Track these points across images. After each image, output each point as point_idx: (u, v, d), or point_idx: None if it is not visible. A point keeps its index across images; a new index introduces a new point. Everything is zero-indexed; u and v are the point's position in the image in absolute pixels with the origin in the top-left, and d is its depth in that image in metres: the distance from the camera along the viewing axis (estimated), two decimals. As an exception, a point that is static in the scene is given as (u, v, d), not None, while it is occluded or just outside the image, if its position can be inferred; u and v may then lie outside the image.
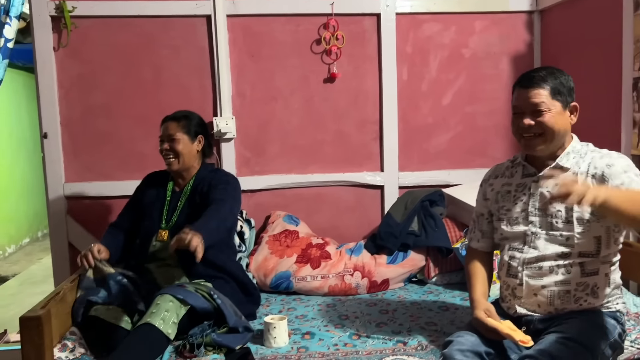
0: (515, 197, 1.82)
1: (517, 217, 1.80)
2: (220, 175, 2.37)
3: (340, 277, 2.68)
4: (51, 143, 2.93)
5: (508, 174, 1.89)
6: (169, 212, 2.34)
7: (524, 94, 1.71)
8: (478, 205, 1.98)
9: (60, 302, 1.95)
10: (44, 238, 7.52)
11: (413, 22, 3.11)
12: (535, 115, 1.69)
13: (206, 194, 2.27)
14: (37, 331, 1.71)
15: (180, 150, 2.32)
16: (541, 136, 1.70)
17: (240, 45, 3.02)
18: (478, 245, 1.97)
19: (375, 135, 3.14)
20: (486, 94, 3.19)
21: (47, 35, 2.86)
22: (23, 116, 7.12)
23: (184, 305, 2.00)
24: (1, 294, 5.19)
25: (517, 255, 1.78)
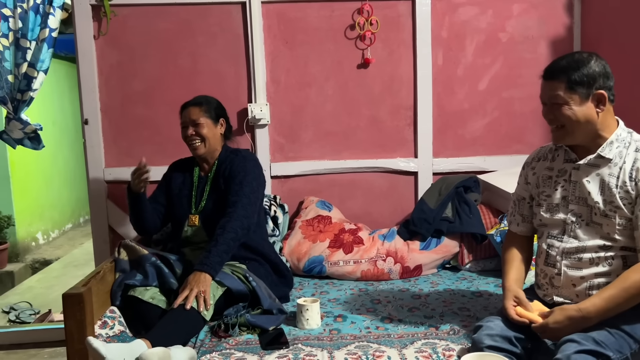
0: (555, 183, 1.78)
1: (557, 204, 1.76)
2: (239, 160, 2.36)
3: (372, 263, 2.69)
4: (92, 129, 3.02)
5: (550, 157, 1.84)
6: (197, 197, 2.38)
7: (544, 85, 1.70)
8: (519, 189, 1.94)
9: (101, 281, 2.02)
10: (85, 224, 7.76)
11: (449, 6, 3.07)
12: (554, 107, 1.67)
13: (228, 179, 2.31)
14: (79, 307, 1.77)
15: (205, 134, 2.35)
16: (563, 128, 1.68)
17: (275, 31, 3.04)
18: (517, 229, 1.93)
19: (410, 121, 3.12)
20: (524, 79, 3.13)
21: (88, 24, 2.95)
22: (66, 105, 7.33)
23: (221, 287, 2.04)
24: (45, 277, 5.40)
25: (556, 244, 1.75)
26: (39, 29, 3.01)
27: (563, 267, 1.72)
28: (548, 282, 1.78)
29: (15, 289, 5.12)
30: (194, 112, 2.36)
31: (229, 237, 2.09)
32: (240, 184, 2.25)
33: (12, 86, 3.05)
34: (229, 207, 2.18)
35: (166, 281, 2.11)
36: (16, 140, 3.19)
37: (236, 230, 2.12)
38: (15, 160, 5.86)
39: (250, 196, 2.23)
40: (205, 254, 2.04)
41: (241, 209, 2.17)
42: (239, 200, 2.20)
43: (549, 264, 1.77)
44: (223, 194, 2.28)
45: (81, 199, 7.65)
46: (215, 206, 2.30)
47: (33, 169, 6.35)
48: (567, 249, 1.72)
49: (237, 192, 2.23)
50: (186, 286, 1.97)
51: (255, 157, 2.45)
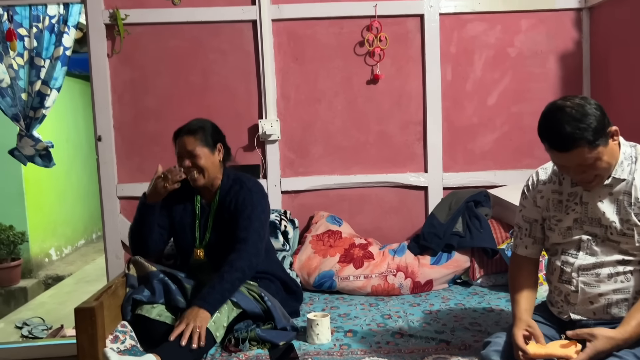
0: (567, 207, 1.72)
1: (569, 227, 1.71)
2: (245, 192, 2.22)
3: (383, 277, 2.69)
4: (105, 146, 3.06)
5: (556, 180, 1.76)
6: (200, 229, 2.28)
7: (563, 157, 1.57)
8: (528, 211, 1.82)
9: (112, 296, 2.03)
10: (98, 240, 7.81)
11: (457, 22, 3.09)
12: (586, 168, 1.57)
13: (234, 213, 2.19)
14: (91, 322, 1.79)
15: (203, 165, 2.19)
16: (598, 177, 1.61)
17: (285, 48, 3.08)
18: (526, 252, 1.83)
19: (419, 135, 3.14)
20: (533, 94, 3.14)
21: (102, 43, 3.00)
22: (79, 122, 7.43)
23: (237, 308, 2.04)
24: (58, 292, 5.44)
25: (571, 261, 1.69)
26: (53, 47, 3.09)
27: (580, 284, 1.67)
28: (563, 299, 1.72)
29: (28, 304, 5.16)
30: (190, 142, 2.19)
31: (235, 277, 2.03)
32: (249, 218, 2.15)
33: (25, 104, 3.12)
34: (238, 243, 2.11)
35: (173, 298, 2.10)
36: (27, 157, 3.25)
37: (244, 270, 2.06)
38: (30, 177, 5.94)
39: (260, 231, 2.16)
40: (208, 289, 1.99)
41: (252, 246, 2.10)
42: (249, 237, 2.12)
43: (563, 281, 1.71)
44: (228, 227, 2.20)
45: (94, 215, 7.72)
46: (220, 239, 2.23)
47: (47, 185, 6.43)
48: (583, 266, 1.67)
49: (247, 227, 2.14)
50: (182, 320, 1.92)
51: (261, 187, 2.31)
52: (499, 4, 3.07)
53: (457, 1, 3.06)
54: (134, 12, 2.98)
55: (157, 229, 2.27)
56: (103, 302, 1.88)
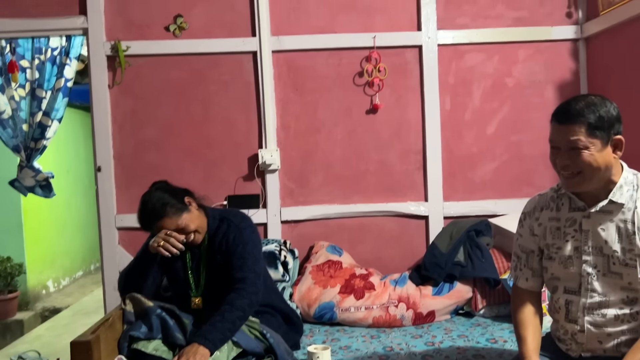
0: (565, 234, 1.65)
1: (569, 256, 1.64)
2: (234, 230, 2.18)
3: (384, 309, 2.65)
4: (104, 176, 3.06)
5: (554, 206, 1.70)
6: (194, 277, 2.23)
7: (560, 129, 1.55)
8: (525, 241, 1.77)
9: (109, 329, 2.00)
10: (96, 271, 7.74)
11: (455, 52, 3.13)
12: (572, 153, 1.53)
13: (226, 253, 2.15)
14: (87, 355, 1.76)
15: (195, 228, 2.13)
16: (579, 175, 1.54)
17: (285, 79, 3.10)
18: (527, 284, 1.76)
19: (419, 165, 3.14)
20: (532, 123, 3.15)
21: (103, 74, 3.03)
22: (80, 153, 7.44)
23: (237, 347, 2.00)
24: (55, 325, 5.35)
25: (575, 300, 1.63)
26: (54, 79, 3.11)
27: (586, 325, 1.61)
28: (570, 338, 1.66)
29: (24, 337, 5.08)
30: (170, 223, 2.09)
31: (235, 316, 1.99)
32: (242, 257, 2.12)
33: (26, 135, 3.13)
34: (236, 283, 2.06)
35: (171, 334, 2.05)
36: (28, 188, 3.24)
37: (245, 309, 2.02)
38: (29, 208, 5.91)
39: (255, 268, 2.12)
40: (209, 327, 1.95)
41: (250, 285, 2.06)
42: (246, 277, 2.08)
43: (570, 320, 1.65)
44: (222, 269, 2.16)
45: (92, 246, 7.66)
46: (215, 284, 2.19)
47: (46, 216, 6.40)
48: (589, 305, 1.60)
49: (242, 267, 2.10)
50: (182, 356, 1.88)
51: (249, 222, 2.25)
52: (497, 35, 3.10)
53: (455, 32, 3.10)
54: (135, 44, 3.02)
55: (152, 277, 2.21)
56: (100, 336, 1.84)
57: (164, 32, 3.05)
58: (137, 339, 2.04)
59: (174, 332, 2.05)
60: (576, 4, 3.12)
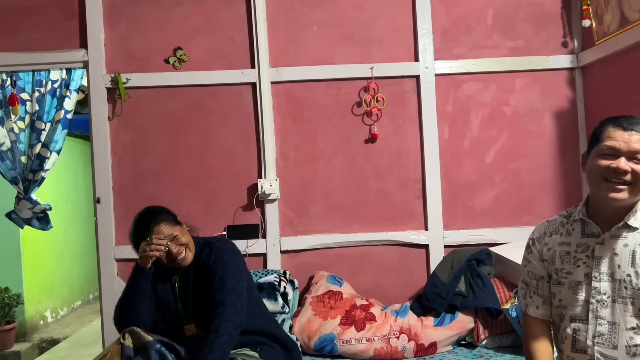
0: (576, 259, 1.63)
1: (579, 282, 1.61)
2: (214, 252, 2.20)
3: (385, 340, 2.62)
4: (103, 207, 3.05)
5: (564, 232, 1.68)
6: (183, 305, 2.23)
7: (624, 136, 1.52)
8: (533, 267, 1.74)
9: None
10: (94, 301, 7.67)
11: (453, 82, 3.15)
12: (634, 162, 1.51)
13: (208, 277, 2.15)
14: (84, 393, 1.72)
15: (186, 241, 2.17)
16: (630, 185, 1.52)
17: (284, 109, 3.12)
18: (538, 312, 1.71)
19: (418, 193, 3.14)
20: (530, 151, 3.16)
21: (103, 106, 3.05)
22: (79, 182, 7.43)
23: None
24: (53, 357, 5.28)
25: (583, 328, 1.59)
26: (54, 111, 3.13)
27: (597, 355, 1.56)
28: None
29: (20, 370, 5.01)
30: (166, 228, 2.15)
31: (223, 341, 1.97)
32: (221, 279, 2.11)
33: (24, 167, 3.13)
34: (217, 308, 2.05)
35: None
36: (25, 220, 3.23)
37: (229, 332, 2.00)
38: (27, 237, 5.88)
39: (235, 290, 2.11)
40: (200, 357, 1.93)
41: (229, 306, 2.05)
42: (226, 298, 2.07)
43: (578, 350, 1.60)
44: (208, 293, 2.14)
45: (91, 275, 7.60)
46: (204, 308, 2.17)
47: (44, 246, 6.36)
48: (598, 333, 1.57)
49: (221, 289, 2.09)
50: None
51: (231, 244, 2.26)
52: (493, 65, 3.14)
53: (452, 62, 3.13)
54: (135, 76, 3.04)
55: (147, 304, 2.20)
56: (97, 372, 1.81)
57: (164, 65, 3.08)
58: (135, 375, 2.01)
59: None
60: (571, 34, 3.15)
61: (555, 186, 3.17)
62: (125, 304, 2.19)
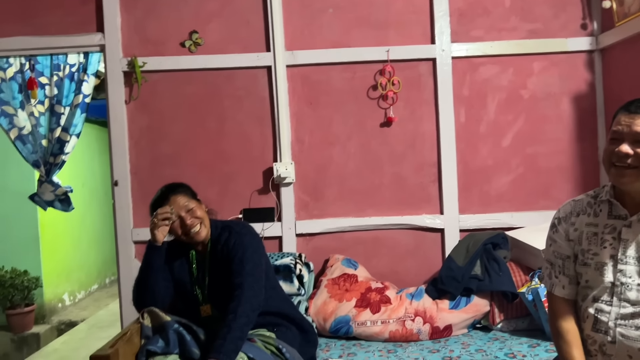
0: (602, 240, 1.62)
1: (605, 264, 1.61)
2: (234, 236, 2.22)
3: (401, 323, 2.63)
4: (121, 190, 3.09)
5: (591, 212, 1.67)
6: (200, 286, 2.26)
7: (628, 120, 1.53)
8: (559, 247, 1.72)
9: (127, 343, 2.00)
10: (111, 284, 7.78)
11: (470, 65, 3.12)
12: (636, 145, 1.52)
13: (227, 260, 2.18)
14: (106, 369, 1.76)
15: (201, 215, 2.21)
16: (636, 169, 1.52)
17: (299, 93, 3.12)
18: (564, 292, 1.70)
19: (434, 177, 3.13)
20: (547, 135, 3.13)
21: (120, 89, 3.07)
22: (95, 167, 7.51)
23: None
24: (71, 338, 5.38)
25: (607, 309, 1.59)
26: (73, 95, 3.16)
27: (618, 336, 1.56)
28: (598, 349, 1.61)
29: (41, 351, 5.11)
30: (182, 199, 2.20)
31: (241, 323, 2.00)
32: (241, 262, 2.15)
33: (45, 150, 3.17)
34: (235, 290, 2.08)
35: (187, 349, 2.06)
36: (47, 202, 3.28)
37: (247, 314, 2.03)
38: (45, 222, 5.98)
39: (254, 273, 2.14)
40: (220, 341, 1.95)
41: (248, 289, 2.08)
42: (245, 281, 2.10)
43: (599, 331, 1.60)
44: (224, 275, 2.18)
45: (107, 260, 7.71)
46: (221, 289, 2.21)
47: (62, 230, 6.46)
48: (621, 315, 1.56)
49: (240, 272, 2.13)
50: None
51: (250, 229, 2.29)
52: (511, 47, 3.10)
53: (469, 45, 3.10)
54: (151, 60, 3.06)
55: (162, 281, 2.23)
56: (118, 350, 1.85)
57: (180, 48, 3.09)
58: (154, 354, 2.04)
59: (190, 347, 2.06)
60: (591, 16, 3.11)
61: (573, 171, 3.14)
62: (141, 282, 2.23)
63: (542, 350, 2.36)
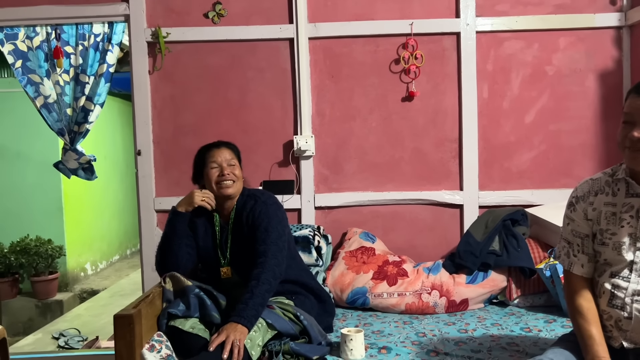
0: (621, 220, 1.62)
1: (623, 243, 1.61)
2: (260, 205, 2.27)
3: (417, 295, 2.65)
4: (144, 160, 3.13)
5: (610, 191, 1.66)
6: (222, 249, 2.32)
7: (636, 103, 1.52)
8: (577, 226, 1.71)
9: (150, 305, 2.05)
10: (132, 255, 7.94)
11: (494, 40, 3.08)
12: None
13: (251, 227, 2.23)
14: (129, 329, 1.81)
15: (238, 175, 2.31)
16: None
17: (321, 66, 3.12)
18: (583, 271, 1.69)
19: (455, 153, 3.12)
20: (571, 112, 3.09)
21: (144, 60, 3.10)
22: (117, 140, 7.62)
23: (271, 330, 2.04)
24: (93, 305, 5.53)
25: (623, 285, 1.60)
26: (97, 64, 3.19)
27: (635, 312, 1.57)
28: (614, 324, 1.62)
29: (64, 316, 5.26)
30: (228, 153, 2.32)
31: (263, 289, 2.05)
32: (266, 231, 2.19)
33: (70, 119, 3.22)
34: (259, 257, 2.13)
35: (207, 313, 2.11)
36: (71, 171, 3.34)
37: (270, 281, 2.08)
38: (69, 192, 6.10)
39: (278, 242, 2.19)
40: (242, 306, 2.00)
41: (272, 257, 2.13)
42: (269, 249, 2.15)
43: (615, 306, 1.61)
44: (248, 241, 2.24)
45: (129, 231, 7.86)
46: (242, 254, 2.27)
47: (85, 201, 6.58)
48: (638, 291, 1.57)
49: (265, 240, 2.17)
50: (222, 333, 1.92)
51: (275, 199, 2.34)
52: (537, 23, 3.05)
53: (494, 19, 3.05)
54: (175, 31, 3.07)
55: (185, 247, 2.29)
56: (141, 310, 1.90)
57: (203, 19, 3.10)
58: (175, 317, 2.10)
59: (210, 312, 2.11)
60: (621, -9, 3.04)
61: (596, 149, 3.10)
62: (165, 246, 2.29)
63: (558, 325, 2.37)
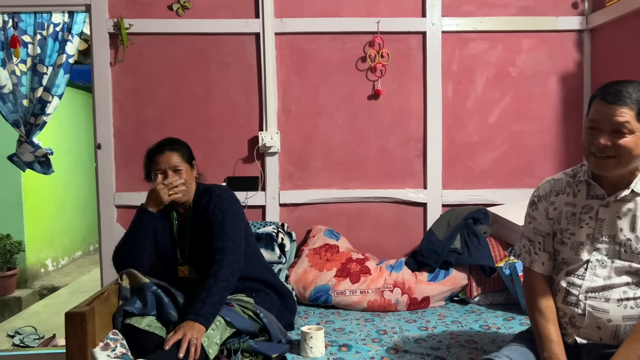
0: (580, 220, 1.65)
1: (581, 243, 1.64)
2: (215, 200, 2.22)
3: (379, 293, 2.66)
4: (104, 154, 3.06)
5: (570, 192, 1.69)
6: (180, 248, 2.28)
7: (606, 110, 1.51)
8: (539, 224, 1.74)
9: (105, 302, 2.00)
10: (95, 252, 7.77)
11: (459, 40, 3.11)
12: (615, 135, 1.50)
13: (207, 223, 2.18)
14: (81, 327, 1.77)
15: (186, 179, 2.21)
16: (615, 159, 1.52)
17: (287, 62, 3.09)
18: (543, 269, 1.72)
19: (419, 152, 3.13)
20: (533, 113, 3.14)
21: (105, 51, 3.02)
22: (81, 133, 7.44)
23: (230, 328, 2.02)
24: (52, 302, 5.39)
25: (578, 282, 1.62)
26: (56, 55, 3.10)
27: (587, 308, 1.60)
28: (568, 321, 1.64)
29: (21, 313, 5.12)
30: (174, 158, 2.21)
31: (221, 287, 2.01)
32: (221, 227, 2.15)
33: (26, 110, 3.12)
34: (216, 254, 2.09)
35: (165, 311, 2.06)
36: (26, 164, 3.24)
37: (228, 278, 2.04)
38: (29, 186, 5.92)
39: (235, 238, 2.14)
40: (199, 304, 1.96)
41: (229, 254, 2.09)
42: (226, 246, 2.10)
43: (569, 303, 1.63)
44: (204, 238, 2.19)
45: (92, 226, 7.67)
46: (200, 252, 2.22)
47: (46, 195, 6.41)
48: (591, 288, 1.60)
49: (221, 236, 2.13)
50: (178, 331, 1.89)
51: (230, 193, 2.29)
52: (501, 24, 3.09)
53: (460, 20, 3.08)
54: (138, 22, 3.01)
55: (149, 247, 2.23)
56: (95, 308, 1.85)
57: (167, 11, 3.04)
58: (131, 314, 2.05)
59: (168, 310, 2.06)
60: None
61: (557, 150, 3.16)
62: (129, 245, 2.22)
63: (516, 323, 2.40)
